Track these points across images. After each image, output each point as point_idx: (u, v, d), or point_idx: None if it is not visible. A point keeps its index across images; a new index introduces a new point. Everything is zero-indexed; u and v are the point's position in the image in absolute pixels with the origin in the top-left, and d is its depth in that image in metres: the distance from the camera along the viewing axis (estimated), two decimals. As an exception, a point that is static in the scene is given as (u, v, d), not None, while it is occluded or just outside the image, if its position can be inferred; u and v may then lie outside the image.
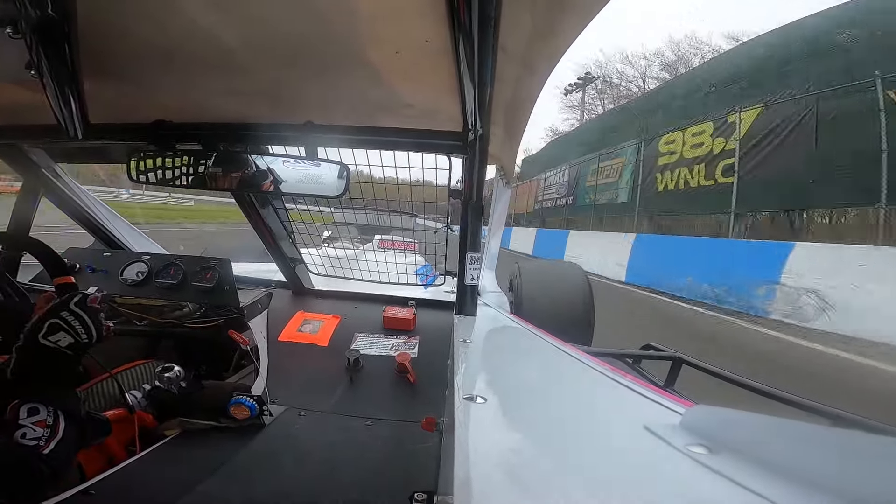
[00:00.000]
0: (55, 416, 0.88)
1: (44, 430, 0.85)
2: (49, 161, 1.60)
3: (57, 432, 0.87)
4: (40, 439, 0.84)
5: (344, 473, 1.04)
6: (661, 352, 1.72)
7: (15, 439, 0.83)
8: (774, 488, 0.37)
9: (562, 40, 0.82)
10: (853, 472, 0.35)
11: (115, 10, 0.75)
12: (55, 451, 0.85)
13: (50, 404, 0.89)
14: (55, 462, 0.84)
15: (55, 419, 0.88)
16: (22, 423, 0.85)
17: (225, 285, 1.64)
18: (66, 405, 0.91)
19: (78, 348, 0.96)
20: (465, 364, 0.93)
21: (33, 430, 0.85)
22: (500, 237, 2.62)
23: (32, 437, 0.84)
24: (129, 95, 1.09)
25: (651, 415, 0.66)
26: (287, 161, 1.19)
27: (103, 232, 1.96)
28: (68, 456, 0.89)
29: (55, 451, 0.85)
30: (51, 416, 0.88)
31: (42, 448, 0.84)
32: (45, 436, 0.85)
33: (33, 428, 0.85)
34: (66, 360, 0.94)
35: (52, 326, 0.93)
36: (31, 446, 0.83)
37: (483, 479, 0.43)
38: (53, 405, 0.89)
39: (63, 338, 0.93)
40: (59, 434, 0.87)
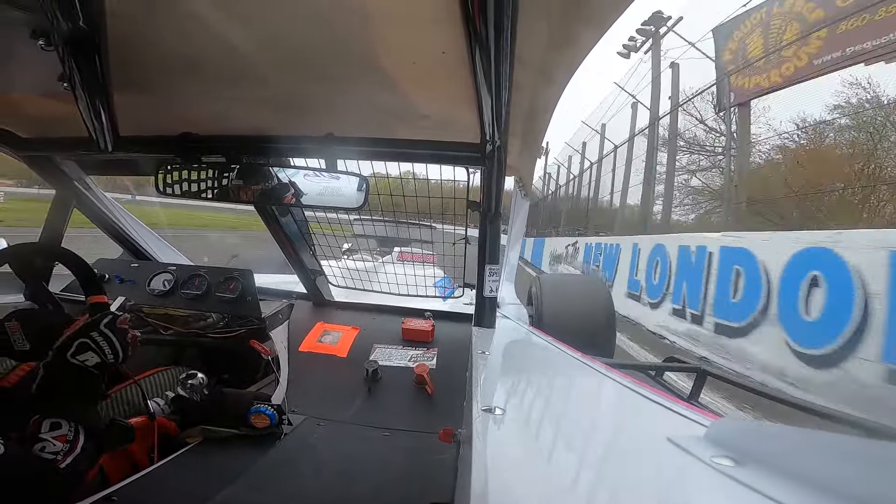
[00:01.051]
0: (76, 432, 0.90)
1: (63, 445, 0.87)
2: (80, 173, 1.65)
3: (76, 448, 0.88)
4: (58, 453, 0.86)
5: (361, 483, 1.04)
6: (684, 364, 1.67)
7: (34, 452, 0.85)
8: (804, 500, 0.35)
9: (578, 50, 0.82)
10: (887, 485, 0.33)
11: (143, 24, 0.77)
12: (72, 465, 0.87)
13: (72, 420, 0.90)
14: (72, 477, 0.86)
15: (75, 435, 0.90)
16: (42, 437, 0.87)
17: (247, 296, 1.67)
18: (88, 421, 0.93)
19: (104, 368, 0.98)
20: (484, 376, 0.92)
21: (53, 444, 0.86)
22: (518, 249, 2.60)
23: (51, 451, 0.86)
24: (157, 108, 1.13)
25: (675, 427, 0.64)
26: (308, 174, 1.21)
27: (131, 243, 2.01)
28: (84, 469, 0.91)
29: (72, 465, 0.87)
30: (71, 432, 0.89)
31: (59, 462, 0.85)
32: (64, 450, 0.87)
33: (53, 442, 0.87)
34: (90, 377, 0.97)
35: (81, 346, 0.95)
36: (49, 459, 0.85)
37: (500, 492, 0.42)
38: (75, 421, 0.91)
39: (91, 357, 0.95)
40: (77, 450, 0.88)
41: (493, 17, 0.64)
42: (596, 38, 0.77)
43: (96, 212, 1.79)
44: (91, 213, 1.78)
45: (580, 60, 0.85)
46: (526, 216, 2.49)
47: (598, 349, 2.49)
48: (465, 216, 1.57)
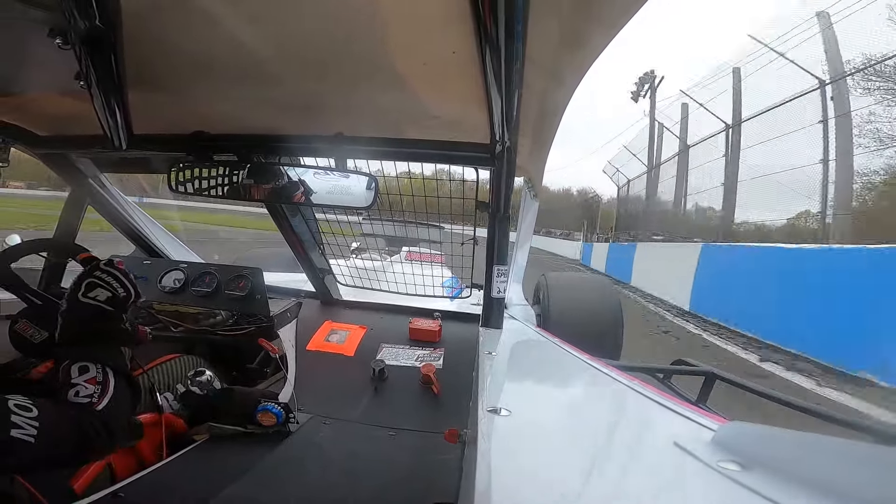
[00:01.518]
0: (104, 373, 0.91)
1: (95, 387, 0.89)
2: (95, 171, 1.67)
3: (108, 388, 0.90)
4: (92, 396, 0.88)
5: (366, 482, 1.04)
6: (693, 367, 1.66)
7: (69, 398, 0.86)
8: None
9: (589, 51, 0.82)
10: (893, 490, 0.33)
11: (158, 23, 0.78)
12: (109, 408, 0.88)
13: (98, 361, 0.92)
14: (110, 419, 0.87)
15: (105, 376, 0.91)
16: (74, 382, 0.88)
17: (256, 294, 1.68)
18: (115, 363, 0.95)
19: (117, 303, 0.99)
20: (490, 376, 0.92)
21: (85, 387, 0.88)
22: (527, 250, 2.60)
23: (85, 394, 0.87)
24: (170, 106, 1.14)
25: (682, 430, 0.63)
26: (317, 172, 1.21)
27: (143, 240, 2.03)
28: (122, 414, 0.92)
29: (109, 408, 0.88)
30: (100, 373, 0.91)
31: (95, 404, 0.87)
32: (97, 392, 0.88)
33: (85, 385, 0.88)
34: (106, 314, 0.98)
35: (89, 285, 0.97)
36: (85, 403, 0.86)
37: (505, 492, 0.42)
38: (102, 362, 0.92)
39: (101, 293, 0.97)
40: (110, 390, 0.90)
41: (503, 17, 0.64)
42: (607, 39, 0.77)
43: (110, 209, 1.81)
44: (105, 210, 1.81)
45: (591, 62, 0.85)
46: (535, 217, 2.48)
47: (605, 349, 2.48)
48: (473, 216, 1.57)
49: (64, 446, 0.80)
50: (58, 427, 0.79)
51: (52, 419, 0.78)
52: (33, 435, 0.73)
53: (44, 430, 0.75)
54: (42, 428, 0.75)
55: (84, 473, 0.99)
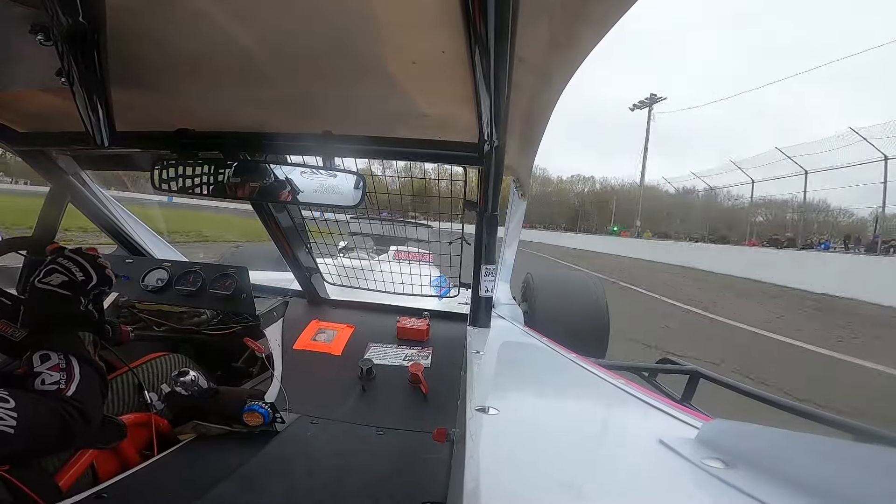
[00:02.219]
0: (67, 360, 0.91)
1: (60, 374, 0.89)
2: (76, 168, 1.64)
3: (73, 374, 0.90)
4: (59, 382, 0.87)
5: (355, 482, 1.04)
6: (678, 365, 1.68)
7: (35, 387, 0.86)
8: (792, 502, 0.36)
9: (578, 51, 0.82)
10: (874, 487, 0.34)
11: (142, 19, 0.77)
12: (79, 394, 0.88)
13: (58, 350, 0.92)
14: (83, 406, 0.86)
15: (67, 362, 0.91)
16: (38, 371, 0.88)
17: (242, 293, 1.66)
18: (74, 349, 0.95)
19: (73, 287, 0.99)
20: (478, 375, 0.93)
21: (50, 374, 0.88)
22: (514, 249, 2.61)
23: (51, 381, 0.87)
24: (154, 104, 1.12)
25: (667, 429, 0.64)
26: (305, 171, 1.20)
27: (126, 238, 2.00)
28: (95, 400, 0.92)
29: (79, 394, 0.88)
30: (62, 360, 0.91)
31: (63, 391, 0.86)
32: (63, 379, 0.88)
33: (49, 373, 0.88)
34: (64, 302, 0.98)
35: (47, 272, 0.98)
36: (53, 390, 0.86)
37: (493, 491, 0.42)
38: (62, 350, 0.92)
39: (56, 278, 0.97)
40: (77, 376, 0.90)
41: (493, 16, 0.64)
42: (597, 38, 0.77)
43: (91, 207, 1.78)
44: (86, 208, 1.77)
45: (580, 61, 0.85)
46: (523, 216, 2.49)
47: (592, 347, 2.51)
48: (461, 215, 1.57)
49: (44, 435, 0.80)
50: (36, 417, 0.79)
51: (30, 409, 0.78)
52: (12, 426, 0.73)
53: (22, 420, 0.75)
54: (20, 418, 0.75)
55: (68, 471, 0.97)
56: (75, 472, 0.98)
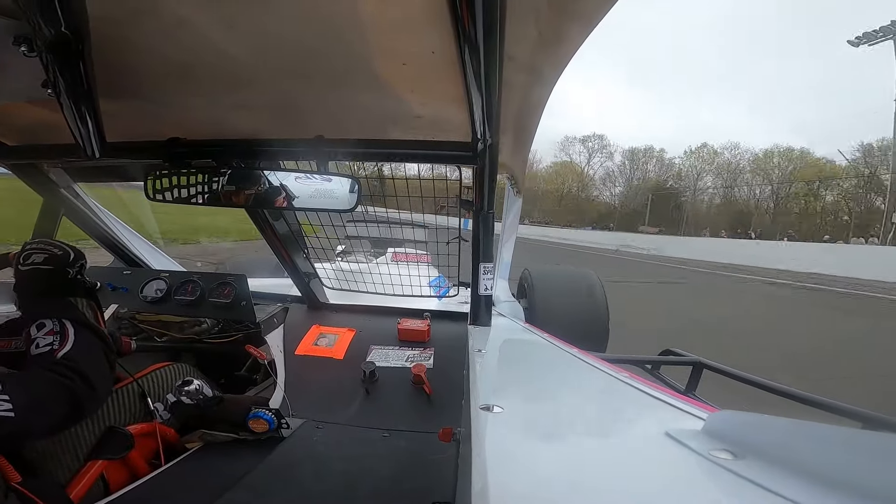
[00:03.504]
0: (60, 324, 0.95)
1: (53, 337, 0.92)
2: (68, 180, 1.63)
3: (67, 336, 0.93)
4: (52, 344, 0.91)
5: (362, 485, 1.04)
6: (681, 357, 1.68)
7: (31, 353, 0.89)
8: (802, 492, 0.36)
9: (567, 47, 0.82)
10: (884, 476, 0.34)
11: (126, 29, 0.76)
12: (74, 354, 0.90)
13: (52, 315, 0.96)
14: (80, 367, 0.88)
15: (61, 326, 0.95)
16: (34, 338, 0.92)
17: (242, 301, 1.66)
18: (67, 313, 0.98)
19: (54, 260, 1.05)
20: (481, 374, 0.93)
21: (44, 338, 0.92)
22: (511, 246, 2.61)
23: (45, 344, 0.91)
24: (144, 113, 1.12)
25: (672, 421, 0.64)
26: (299, 176, 1.20)
27: (122, 250, 1.99)
28: (94, 360, 0.94)
29: (74, 354, 0.90)
30: (57, 325, 0.95)
31: (56, 351, 0.89)
32: (56, 341, 0.92)
33: (44, 337, 0.92)
34: (51, 274, 1.04)
35: (26, 256, 1.04)
36: (46, 352, 0.89)
37: (501, 489, 0.42)
38: (55, 315, 0.96)
39: (36, 257, 1.04)
40: (70, 337, 0.93)
41: (481, 15, 0.64)
42: (585, 34, 0.77)
43: (86, 219, 1.77)
44: (80, 220, 1.76)
45: (569, 57, 0.86)
46: (519, 213, 2.49)
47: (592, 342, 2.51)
48: (458, 215, 1.57)
49: (47, 409, 0.81)
50: (33, 392, 0.80)
51: (25, 387, 0.79)
52: (9, 408, 0.74)
53: (18, 400, 0.76)
54: (15, 399, 0.76)
55: (79, 482, 0.98)
56: (86, 483, 0.99)
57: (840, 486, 0.35)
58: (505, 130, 1.20)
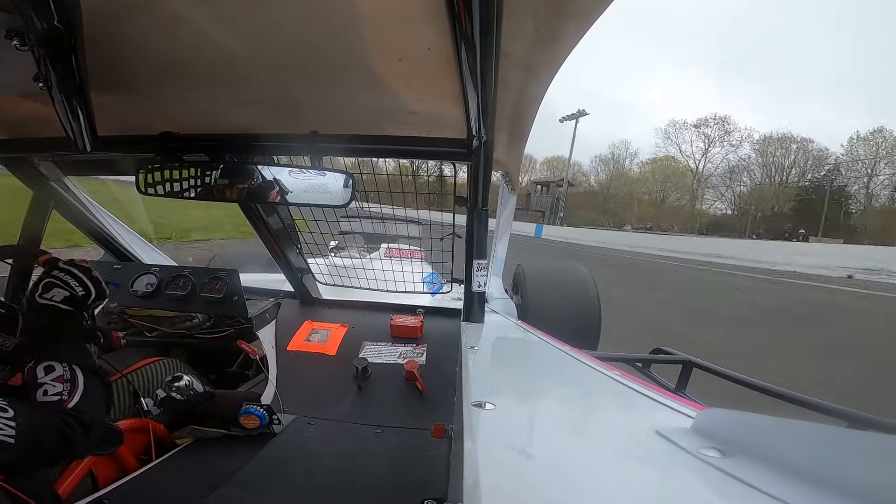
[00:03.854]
0: (72, 371, 0.90)
1: (63, 385, 0.88)
2: (59, 174, 1.61)
3: (77, 385, 0.89)
4: (62, 394, 0.87)
5: (354, 481, 1.04)
6: (671, 355, 1.70)
7: (37, 398, 0.85)
8: (789, 490, 0.36)
9: (563, 45, 0.82)
10: (869, 474, 0.35)
11: (120, 23, 0.76)
12: (81, 405, 0.87)
13: (64, 360, 0.91)
14: (85, 418, 0.86)
15: (72, 374, 0.90)
16: (41, 382, 0.87)
17: (233, 296, 1.65)
18: (80, 360, 0.94)
19: (76, 303, 0.98)
20: (474, 371, 0.93)
21: (53, 386, 0.87)
22: (506, 243, 2.61)
23: (54, 392, 0.86)
24: (136, 107, 1.11)
25: (662, 419, 0.65)
26: (293, 171, 1.19)
27: (113, 244, 1.97)
28: (97, 410, 0.91)
29: (81, 405, 0.87)
30: (67, 371, 0.90)
31: (66, 402, 0.86)
32: (66, 390, 0.87)
33: (53, 384, 0.87)
34: (65, 314, 0.97)
35: (46, 286, 0.97)
36: (55, 401, 0.85)
37: (493, 486, 0.43)
38: (67, 360, 0.91)
39: (58, 293, 0.97)
40: (80, 387, 0.89)
41: (478, 12, 0.64)
42: (581, 32, 0.77)
43: (76, 213, 1.75)
44: (70, 214, 1.75)
45: (565, 55, 0.86)
46: (513, 210, 2.50)
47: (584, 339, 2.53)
48: (452, 211, 1.57)
49: (44, 446, 0.80)
50: (35, 427, 0.79)
51: (29, 420, 0.78)
52: (12, 435, 0.73)
53: (22, 430, 0.75)
54: (20, 428, 0.75)
55: (67, 478, 0.97)
56: (74, 479, 0.98)
57: (826, 484, 0.36)
58: (500, 128, 1.21)
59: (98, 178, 2.02)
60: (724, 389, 1.51)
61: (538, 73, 0.95)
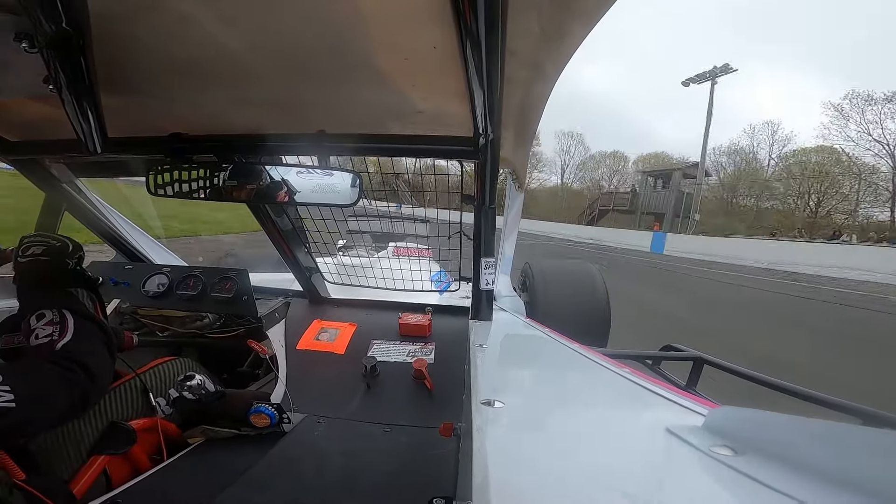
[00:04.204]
0: (61, 315, 0.94)
1: (53, 328, 0.91)
2: (70, 176, 1.63)
3: (66, 326, 0.92)
4: (52, 335, 0.90)
5: (363, 479, 1.04)
6: (681, 352, 1.68)
7: (30, 344, 0.88)
8: (803, 489, 0.36)
9: (569, 43, 0.82)
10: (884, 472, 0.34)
11: (129, 25, 0.76)
12: (74, 345, 0.89)
13: (52, 306, 0.95)
14: (80, 358, 0.87)
15: (61, 317, 0.94)
16: (33, 328, 0.91)
17: (243, 295, 1.66)
18: (68, 304, 0.98)
19: (53, 251, 1.06)
20: (482, 369, 0.93)
21: (43, 329, 0.91)
22: (513, 241, 2.61)
23: (44, 335, 0.90)
24: (146, 109, 1.12)
25: (673, 417, 0.65)
26: (300, 171, 1.20)
27: (124, 245, 1.99)
28: (95, 351, 0.94)
29: (74, 345, 0.89)
30: (56, 315, 0.94)
31: (55, 342, 0.89)
32: (56, 332, 0.91)
33: (43, 328, 0.91)
34: (51, 266, 1.05)
35: (24, 248, 1.05)
36: (45, 343, 0.88)
37: (501, 484, 0.43)
38: (56, 306, 0.95)
39: (35, 248, 1.05)
40: (70, 327, 0.92)
41: (483, 10, 0.64)
42: (586, 31, 0.77)
43: (88, 214, 1.77)
44: (82, 215, 1.77)
45: (571, 53, 0.85)
46: (521, 208, 2.49)
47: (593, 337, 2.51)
48: (459, 210, 1.57)
49: (48, 400, 0.80)
50: (33, 383, 0.80)
51: (25, 378, 0.79)
52: (11, 399, 0.74)
53: (19, 391, 0.75)
54: (17, 390, 0.75)
55: (82, 477, 0.98)
56: (89, 478, 0.99)
57: (840, 483, 0.35)
58: (506, 126, 1.20)
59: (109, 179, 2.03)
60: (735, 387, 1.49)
61: (544, 71, 0.94)
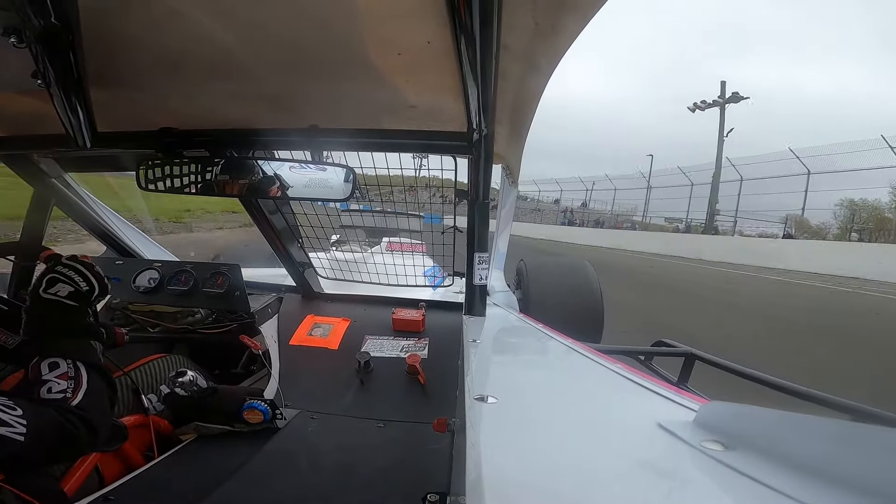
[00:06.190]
0: (76, 368, 0.90)
1: (67, 383, 0.87)
2: (59, 170, 1.61)
3: (81, 383, 0.88)
4: (66, 391, 0.86)
5: (357, 475, 1.05)
6: (673, 348, 1.70)
7: (41, 395, 0.84)
8: (792, 484, 0.36)
9: (564, 38, 0.82)
10: (873, 468, 0.34)
11: (118, 18, 0.75)
12: (85, 403, 0.86)
13: (68, 357, 0.90)
14: (88, 415, 0.85)
15: (76, 371, 0.89)
16: (45, 379, 0.86)
17: (235, 291, 1.65)
18: (85, 357, 0.94)
19: (80, 298, 0.98)
20: (476, 364, 0.93)
21: (57, 383, 0.86)
22: (507, 236, 2.61)
23: (58, 389, 0.86)
24: (135, 103, 1.10)
25: (665, 412, 0.65)
26: (293, 166, 1.19)
27: (114, 240, 1.98)
28: (101, 409, 0.91)
29: (85, 403, 0.86)
30: (72, 368, 0.89)
31: (70, 399, 0.85)
32: (71, 387, 0.87)
33: (57, 381, 0.86)
34: (70, 310, 0.97)
35: (50, 281, 0.96)
36: (59, 399, 0.84)
37: (495, 479, 0.43)
38: (72, 357, 0.91)
39: (62, 288, 0.96)
40: (84, 385, 0.88)
41: (477, 5, 0.64)
42: (581, 25, 0.77)
43: (77, 209, 1.75)
44: (72, 210, 1.75)
45: (566, 48, 0.85)
46: (514, 204, 2.49)
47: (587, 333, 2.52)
48: (453, 204, 1.57)
49: (48, 444, 0.79)
50: (41, 425, 0.78)
51: (38, 420, 0.77)
52: (23, 433, 0.73)
53: (32, 427, 0.74)
54: (30, 425, 0.74)
55: (73, 475, 0.97)
56: (80, 475, 0.98)
57: (829, 478, 0.36)
58: (501, 121, 1.20)
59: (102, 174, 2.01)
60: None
61: (538, 66, 0.94)
